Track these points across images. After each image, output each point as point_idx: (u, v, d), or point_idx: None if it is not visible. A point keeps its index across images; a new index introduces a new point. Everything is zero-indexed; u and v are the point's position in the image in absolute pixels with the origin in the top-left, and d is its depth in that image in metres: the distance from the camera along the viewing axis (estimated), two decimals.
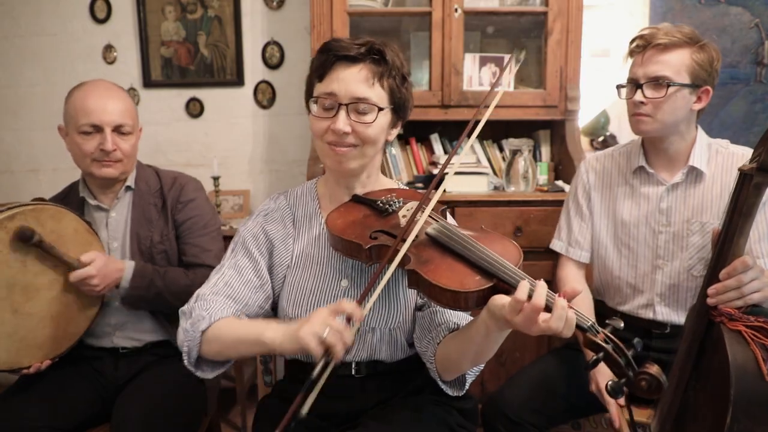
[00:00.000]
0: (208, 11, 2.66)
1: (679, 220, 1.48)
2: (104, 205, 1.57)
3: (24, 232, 1.31)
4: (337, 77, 1.08)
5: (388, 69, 1.10)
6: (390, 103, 1.12)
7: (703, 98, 1.44)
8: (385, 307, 1.14)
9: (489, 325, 0.92)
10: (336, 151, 1.10)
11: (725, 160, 1.47)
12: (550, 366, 1.56)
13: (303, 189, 1.28)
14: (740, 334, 1.10)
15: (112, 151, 1.47)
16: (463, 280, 0.92)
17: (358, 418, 1.16)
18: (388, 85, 1.11)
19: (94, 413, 1.47)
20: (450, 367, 1.07)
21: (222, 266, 1.19)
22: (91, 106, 1.45)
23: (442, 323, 1.08)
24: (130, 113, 1.52)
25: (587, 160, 1.67)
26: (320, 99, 1.10)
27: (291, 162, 2.76)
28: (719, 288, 1.16)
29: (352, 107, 1.08)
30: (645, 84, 1.41)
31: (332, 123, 1.08)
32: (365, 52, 1.09)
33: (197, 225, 1.59)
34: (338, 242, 1.08)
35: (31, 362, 1.39)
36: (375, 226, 1.08)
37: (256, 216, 1.24)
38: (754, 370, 1.05)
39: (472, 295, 0.90)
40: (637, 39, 1.45)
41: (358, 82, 1.08)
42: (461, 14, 2.19)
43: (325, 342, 0.88)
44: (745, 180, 1.10)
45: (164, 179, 1.62)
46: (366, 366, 1.17)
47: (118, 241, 1.56)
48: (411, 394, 1.21)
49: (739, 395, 1.03)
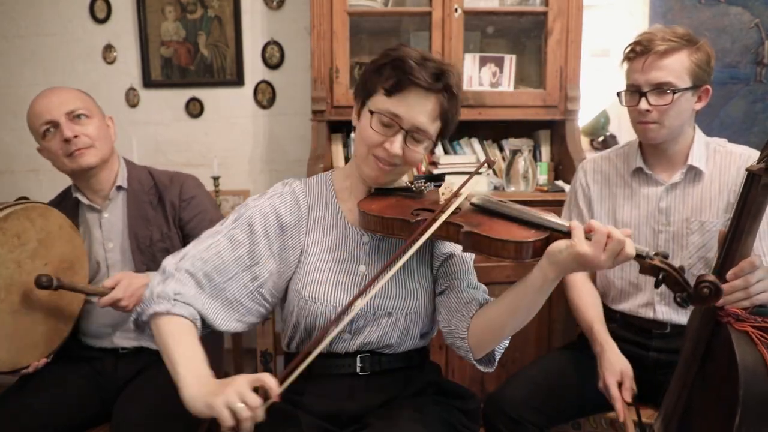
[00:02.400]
0: (208, 11, 2.66)
1: (678, 220, 1.48)
2: (96, 206, 1.57)
3: (40, 280, 1.34)
4: (407, 102, 1.09)
5: (452, 108, 1.14)
6: (439, 136, 1.18)
7: (703, 97, 1.44)
8: (403, 291, 1.16)
9: (547, 273, 0.97)
10: (380, 167, 1.13)
11: (723, 158, 1.47)
12: (551, 365, 1.56)
13: (318, 179, 1.28)
14: (747, 335, 1.10)
15: (74, 138, 1.46)
16: (520, 233, 1.00)
17: (361, 419, 1.16)
18: (443, 121, 1.16)
19: (94, 413, 1.47)
20: (488, 337, 1.09)
21: (219, 231, 1.16)
22: (39, 107, 1.47)
23: (472, 300, 1.13)
24: (81, 99, 1.52)
25: (584, 163, 1.67)
26: (383, 116, 1.10)
27: (291, 162, 2.76)
28: (726, 288, 1.15)
29: (411, 134, 1.11)
30: (649, 92, 1.39)
31: (387, 142, 1.10)
32: (442, 88, 1.10)
33: (204, 221, 1.58)
34: (378, 222, 1.11)
35: (30, 362, 1.39)
36: (414, 205, 1.13)
37: (270, 196, 1.21)
38: (762, 372, 1.04)
39: (533, 244, 0.98)
40: (634, 45, 1.42)
41: (424, 114, 1.11)
42: (461, 14, 2.19)
43: (236, 415, 0.88)
44: (754, 180, 1.10)
45: (158, 177, 1.61)
46: (370, 362, 1.17)
47: (113, 241, 1.56)
48: (414, 395, 1.21)
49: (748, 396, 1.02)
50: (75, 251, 1.48)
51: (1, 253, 1.31)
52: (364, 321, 1.15)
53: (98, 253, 1.56)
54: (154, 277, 1.11)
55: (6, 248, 1.32)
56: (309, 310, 1.15)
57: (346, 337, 1.16)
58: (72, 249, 1.47)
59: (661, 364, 1.48)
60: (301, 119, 2.66)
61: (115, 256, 1.55)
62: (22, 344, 1.38)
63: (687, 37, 1.39)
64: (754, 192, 1.09)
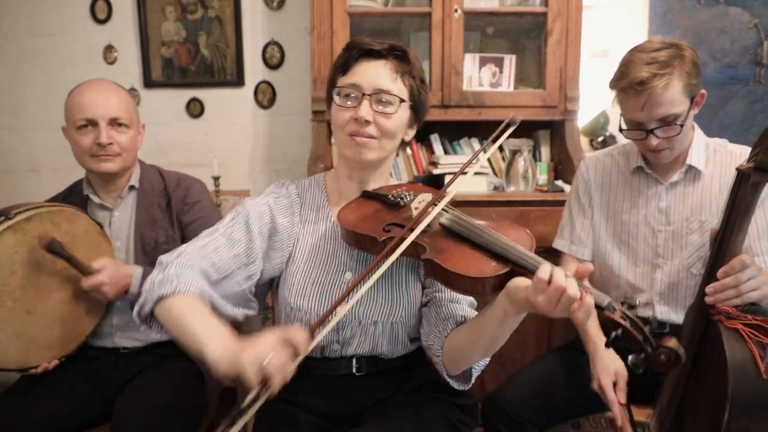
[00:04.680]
0: (208, 11, 2.66)
1: (678, 219, 1.49)
2: (107, 204, 1.57)
3: (53, 244, 1.34)
4: (361, 70, 1.13)
5: (409, 68, 1.15)
6: (410, 99, 1.15)
7: (699, 102, 1.44)
8: (389, 301, 1.15)
9: (507, 309, 0.93)
10: (356, 141, 1.12)
11: (723, 159, 1.47)
12: (551, 365, 1.56)
13: (311, 181, 1.29)
14: (738, 333, 1.11)
15: (108, 145, 1.47)
16: (480, 266, 0.95)
17: (358, 417, 1.16)
18: (408, 83, 1.15)
19: (95, 413, 1.48)
20: (459, 359, 1.07)
21: (216, 230, 1.16)
22: (85, 101, 1.47)
23: (449, 317, 1.10)
24: (126, 107, 1.52)
25: (587, 159, 1.67)
26: (343, 89, 1.13)
27: (291, 162, 2.76)
28: (717, 287, 1.16)
29: (375, 98, 1.11)
30: (656, 128, 1.36)
31: (355, 113, 1.10)
32: (389, 48, 1.13)
33: (203, 227, 1.58)
34: (351, 236, 1.10)
35: (40, 362, 1.40)
36: (387, 219, 1.10)
37: (266, 196, 1.23)
38: (751, 369, 1.06)
39: (490, 280, 0.93)
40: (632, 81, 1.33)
41: (382, 75, 1.12)
42: (461, 14, 2.19)
43: (264, 371, 0.84)
44: (743, 179, 1.11)
45: (168, 179, 1.62)
46: (367, 363, 1.17)
47: (120, 240, 1.57)
48: (411, 392, 1.21)
49: (737, 393, 1.04)
50: (99, 257, 1.45)
51: (20, 252, 1.32)
52: (350, 331, 1.15)
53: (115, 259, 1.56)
54: (153, 272, 1.07)
55: (26, 248, 1.33)
56: (295, 317, 1.16)
57: (336, 348, 1.16)
58: (97, 255, 1.45)
59: None
60: (301, 119, 2.66)
61: (121, 255, 1.56)
62: (34, 345, 1.38)
63: (671, 51, 1.33)
64: (743, 190, 1.10)
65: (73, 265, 1.38)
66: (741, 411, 1.04)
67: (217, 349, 0.89)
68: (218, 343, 0.90)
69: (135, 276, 1.46)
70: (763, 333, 1.10)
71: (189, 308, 0.99)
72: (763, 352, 1.07)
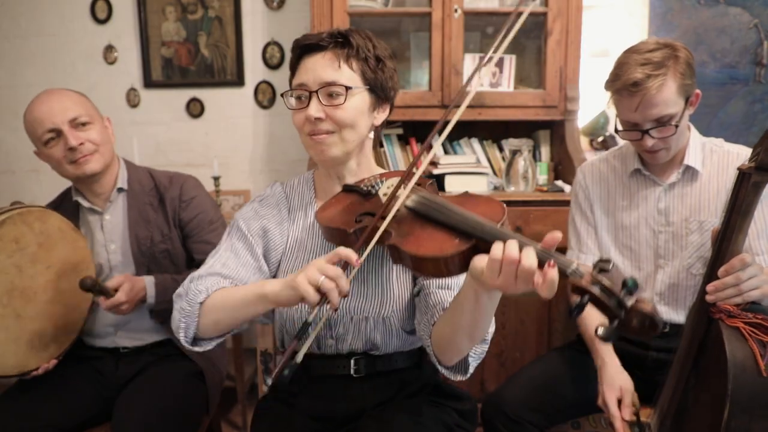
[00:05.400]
0: (208, 12, 2.66)
1: (677, 220, 1.49)
2: (97, 208, 1.57)
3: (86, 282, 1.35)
4: (305, 68, 1.10)
5: (354, 50, 1.10)
6: (364, 83, 1.11)
7: (694, 102, 1.44)
8: (379, 295, 1.13)
9: (475, 288, 0.88)
10: (315, 140, 1.10)
11: (720, 158, 1.47)
12: (551, 365, 1.56)
13: (300, 179, 1.28)
14: (739, 331, 1.11)
15: (79, 146, 1.45)
16: (442, 245, 0.89)
17: (356, 420, 1.16)
18: (358, 66, 1.10)
19: (95, 413, 1.48)
20: (446, 347, 1.03)
21: (218, 250, 1.18)
22: (39, 114, 1.45)
23: (437, 304, 1.06)
24: (81, 104, 1.50)
25: (583, 166, 1.68)
26: (294, 92, 1.11)
27: (291, 162, 2.76)
28: (718, 285, 1.16)
29: (322, 92, 1.08)
30: (651, 129, 1.36)
31: (306, 112, 1.08)
32: (328, 37, 1.10)
33: (204, 222, 1.59)
34: (327, 232, 1.08)
35: (39, 364, 1.40)
36: (359, 209, 1.06)
37: (252, 202, 1.24)
38: (752, 367, 1.06)
39: (452, 259, 0.87)
40: (626, 81, 1.34)
41: (324, 67, 1.08)
42: (461, 15, 2.19)
43: (321, 288, 0.88)
44: (744, 179, 1.11)
45: (158, 178, 1.62)
46: (365, 364, 1.17)
47: (115, 243, 1.56)
48: (409, 396, 1.20)
49: (737, 391, 1.04)
50: (78, 253, 1.48)
51: (0, 258, 1.31)
52: (343, 328, 1.14)
53: (101, 255, 1.56)
54: (175, 305, 1.11)
55: (5, 253, 1.33)
56: (287, 315, 1.16)
57: (331, 343, 1.16)
58: (74, 251, 1.47)
59: (661, 363, 1.48)
60: None
61: (117, 257, 1.56)
62: (30, 348, 1.39)
63: (665, 52, 1.33)
64: (744, 190, 1.10)
65: (104, 294, 1.40)
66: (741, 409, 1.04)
67: (275, 285, 0.97)
68: (273, 282, 0.98)
69: (148, 287, 1.47)
70: (763, 331, 1.10)
71: (233, 289, 1.07)
72: (764, 350, 1.07)
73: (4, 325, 1.33)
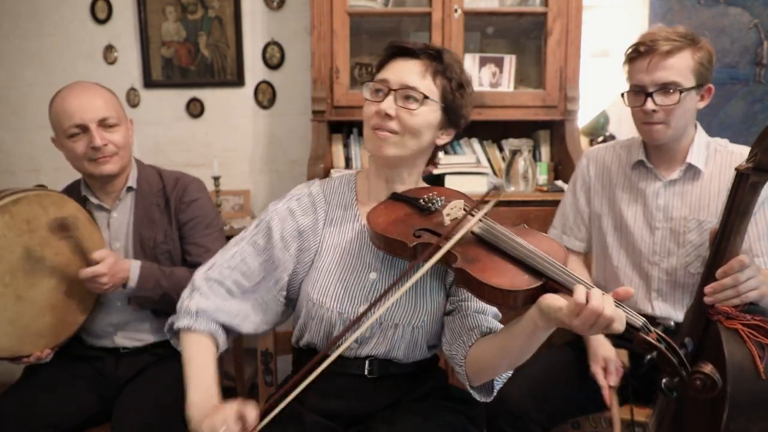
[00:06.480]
0: (208, 12, 2.66)
1: (676, 217, 1.49)
2: (106, 205, 1.57)
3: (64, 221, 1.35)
4: (393, 68, 1.14)
5: (443, 68, 1.14)
6: (441, 101, 1.14)
7: (705, 96, 1.45)
8: (412, 304, 1.14)
9: (538, 323, 0.92)
10: (377, 135, 1.12)
11: (724, 159, 1.47)
12: (553, 363, 1.56)
13: (342, 179, 1.28)
14: (737, 333, 1.11)
15: (102, 146, 1.45)
16: (512, 279, 0.93)
17: (365, 422, 1.16)
18: (441, 83, 1.14)
19: (95, 413, 1.48)
20: (483, 371, 1.07)
21: (243, 238, 1.20)
22: (70, 107, 1.44)
23: (475, 327, 1.09)
24: (112, 105, 1.50)
25: (588, 152, 1.68)
26: (373, 84, 1.14)
27: (291, 162, 2.76)
28: (716, 287, 1.16)
29: (400, 93, 1.11)
30: (655, 92, 1.39)
31: (378, 106, 1.11)
32: (423, 48, 1.14)
33: (200, 225, 1.59)
34: (381, 240, 1.08)
35: (32, 350, 1.39)
36: (418, 224, 1.08)
37: (288, 199, 1.23)
38: (750, 369, 1.06)
39: (522, 294, 0.92)
40: (637, 45, 1.41)
41: (410, 72, 1.12)
42: (461, 15, 2.19)
43: None
44: (742, 179, 1.11)
45: (166, 179, 1.62)
46: (379, 366, 1.17)
47: (120, 241, 1.56)
48: (419, 399, 1.21)
49: (736, 393, 1.04)
50: (91, 244, 1.45)
51: (8, 236, 1.30)
52: (370, 331, 1.14)
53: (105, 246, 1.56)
54: (185, 290, 1.17)
55: (14, 232, 1.31)
56: (315, 313, 1.16)
57: (353, 346, 1.16)
58: (90, 242, 1.45)
59: None
60: (301, 119, 2.67)
61: (120, 255, 1.56)
62: (26, 332, 1.37)
63: (689, 36, 1.39)
64: (742, 191, 1.11)
65: (79, 247, 1.38)
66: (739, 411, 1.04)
67: (194, 407, 1.04)
68: (198, 402, 1.04)
69: (132, 270, 1.46)
70: (762, 333, 1.10)
71: (193, 353, 1.12)
72: (762, 352, 1.08)
73: (2, 305, 1.31)
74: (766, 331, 1.10)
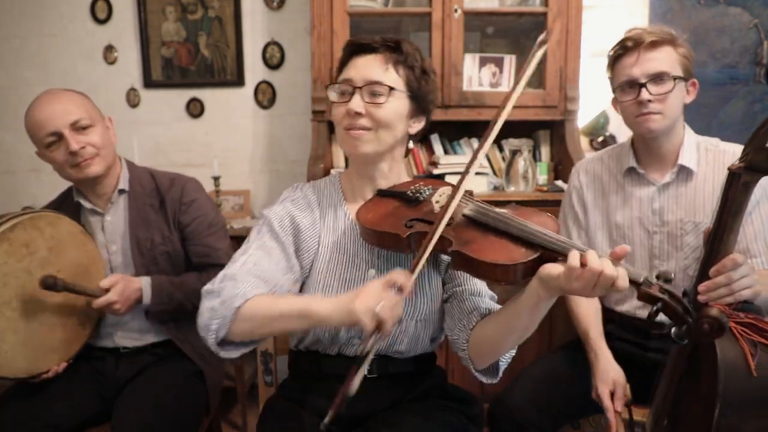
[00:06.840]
0: (208, 12, 2.66)
1: (672, 220, 1.49)
2: (99, 209, 1.56)
3: (47, 281, 1.34)
4: (354, 66, 1.14)
5: (403, 57, 1.14)
6: (407, 90, 1.14)
7: (691, 91, 1.46)
8: (412, 299, 1.14)
9: (540, 294, 0.94)
10: (351, 134, 1.12)
11: (716, 158, 1.47)
12: (554, 366, 1.56)
13: (326, 181, 1.29)
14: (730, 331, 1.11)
15: (80, 150, 1.44)
16: (509, 253, 0.95)
17: (364, 422, 1.16)
18: (404, 73, 1.14)
19: (95, 413, 1.48)
20: (487, 351, 1.08)
21: (248, 247, 1.17)
22: (41, 117, 1.44)
23: (473, 310, 1.10)
24: (83, 107, 1.48)
25: (578, 166, 1.68)
26: (338, 86, 1.15)
27: (291, 162, 2.77)
28: (709, 285, 1.16)
29: (366, 89, 1.11)
30: (648, 82, 1.40)
31: (347, 106, 1.11)
32: (381, 41, 1.14)
33: (203, 225, 1.59)
34: (372, 235, 1.09)
35: (49, 366, 1.40)
36: (409, 215, 1.09)
37: (283, 201, 1.23)
38: (742, 367, 1.05)
39: (521, 266, 0.93)
40: (623, 42, 1.44)
41: (372, 67, 1.13)
42: (461, 15, 2.19)
43: (377, 317, 0.90)
44: (734, 179, 1.11)
45: (159, 179, 1.61)
46: (378, 366, 1.17)
47: (116, 244, 1.56)
48: (418, 399, 1.21)
49: (727, 391, 1.04)
50: (88, 256, 1.48)
51: (9, 263, 1.31)
52: None
53: (102, 257, 1.56)
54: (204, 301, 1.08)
55: (15, 258, 1.33)
56: None
57: (356, 342, 1.16)
58: (85, 254, 1.47)
59: (659, 364, 1.48)
60: (301, 119, 2.67)
61: (118, 258, 1.55)
62: (40, 351, 1.38)
63: (671, 33, 1.42)
64: (734, 190, 1.10)
65: (79, 293, 1.39)
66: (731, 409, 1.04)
67: (324, 305, 0.99)
68: (322, 301, 1.00)
69: (144, 288, 1.47)
70: (754, 331, 1.10)
71: (272, 299, 1.06)
72: (755, 350, 1.07)
73: (14, 328, 1.33)
74: (758, 329, 1.10)
